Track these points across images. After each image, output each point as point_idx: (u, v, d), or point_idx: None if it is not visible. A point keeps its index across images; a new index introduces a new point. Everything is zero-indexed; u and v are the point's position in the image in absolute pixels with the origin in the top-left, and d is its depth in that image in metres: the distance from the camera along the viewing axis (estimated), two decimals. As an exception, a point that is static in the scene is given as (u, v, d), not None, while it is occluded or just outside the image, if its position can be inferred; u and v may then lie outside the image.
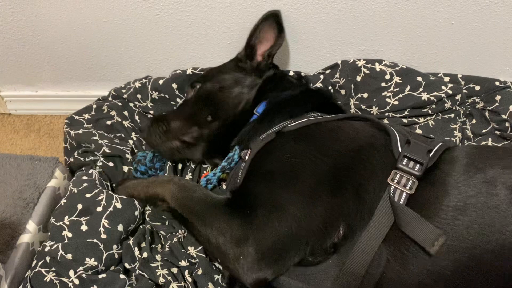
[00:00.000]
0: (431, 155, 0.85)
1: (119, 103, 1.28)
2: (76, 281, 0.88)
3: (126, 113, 1.27)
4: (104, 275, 0.91)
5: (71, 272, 0.89)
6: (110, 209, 0.99)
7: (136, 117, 1.28)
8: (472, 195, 0.78)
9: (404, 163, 0.83)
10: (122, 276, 0.92)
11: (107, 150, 1.14)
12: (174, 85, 1.23)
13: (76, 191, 1.01)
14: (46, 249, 0.93)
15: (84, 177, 1.04)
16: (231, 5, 1.15)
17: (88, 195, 1.00)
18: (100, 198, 1.00)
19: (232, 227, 0.83)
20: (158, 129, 1.11)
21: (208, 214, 0.89)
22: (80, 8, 1.20)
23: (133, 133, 1.26)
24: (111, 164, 1.14)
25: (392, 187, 0.81)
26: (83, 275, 0.90)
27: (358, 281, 0.80)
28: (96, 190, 1.01)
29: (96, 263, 0.92)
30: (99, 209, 0.98)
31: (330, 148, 0.88)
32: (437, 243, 0.73)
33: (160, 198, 1.00)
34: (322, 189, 0.83)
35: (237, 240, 0.82)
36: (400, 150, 0.85)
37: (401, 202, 0.79)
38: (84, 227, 0.96)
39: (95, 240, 0.94)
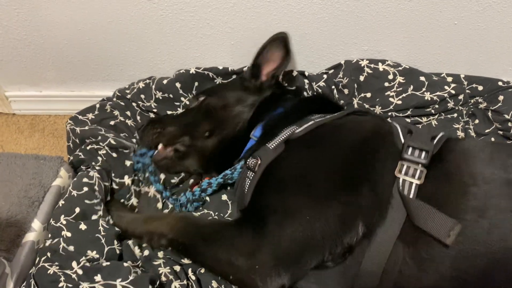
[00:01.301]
0: (435, 142, 0.83)
1: (122, 103, 1.28)
2: (80, 271, 0.87)
3: (128, 113, 1.28)
4: (108, 263, 0.91)
5: (74, 264, 0.89)
6: (107, 218, 1.01)
7: (138, 118, 1.29)
8: (493, 196, 0.76)
9: (409, 153, 0.81)
10: (126, 264, 0.91)
11: (112, 142, 1.15)
12: (178, 85, 1.24)
13: (75, 195, 1.01)
14: (47, 244, 0.93)
15: (85, 180, 1.04)
16: (235, 5, 1.16)
17: (87, 201, 1.00)
18: (97, 208, 1.01)
19: (243, 239, 0.81)
20: (152, 130, 1.12)
21: (215, 234, 0.86)
22: (85, 9, 1.20)
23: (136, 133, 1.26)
24: (114, 154, 1.15)
25: (401, 179, 0.79)
26: (87, 264, 0.89)
27: (377, 280, 0.78)
28: (96, 201, 1.01)
29: (98, 255, 0.92)
30: (94, 217, 0.99)
31: (337, 146, 0.88)
32: (453, 232, 0.71)
33: (159, 233, 0.94)
34: (336, 189, 0.81)
35: (250, 251, 0.79)
36: (403, 141, 0.84)
37: (411, 194, 0.77)
38: (83, 226, 0.96)
39: (96, 235, 0.95)
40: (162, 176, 1.15)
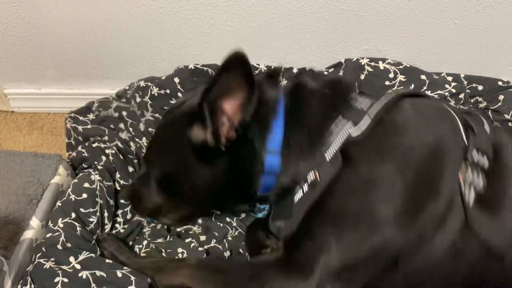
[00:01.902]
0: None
1: (116, 113, 1.23)
2: (78, 266, 0.86)
3: (122, 125, 1.22)
4: (110, 260, 0.90)
5: (72, 259, 0.88)
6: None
7: (130, 129, 1.22)
8: None
9: (473, 155, 0.72)
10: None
11: (120, 145, 1.13)
12: (176, 80, 1.21)
13: (73, 199, 0.98)
14: (47, 236, 0.92)
15: (86, 185, 1.01)
16: (235, 3, 1.15)
17: (82, 210, 0.97)
18: (91, 220, 0.98)
19: (289, 281, 0.70)
20: (133, 199, 1.02)
21: (252, 278, 0.73)
22: (84, 6, 1.20)
23: (131, 143, 1.19)
24: (121, 157, 1.13)
25: (462, 183, 0.71)
26: (86, 258, 0.88)
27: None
28: (92, 210, 0.98)
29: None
30: (89, 225, 0.98)
31: (406, 159, 0.72)
32: None
33: (174, 285, 0.81)
34: (399, 217, 0.70)
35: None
36: (465, 138, 0.75)
37: (471, 199, 0.70)
38: (79, 229, 0.95)
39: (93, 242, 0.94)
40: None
